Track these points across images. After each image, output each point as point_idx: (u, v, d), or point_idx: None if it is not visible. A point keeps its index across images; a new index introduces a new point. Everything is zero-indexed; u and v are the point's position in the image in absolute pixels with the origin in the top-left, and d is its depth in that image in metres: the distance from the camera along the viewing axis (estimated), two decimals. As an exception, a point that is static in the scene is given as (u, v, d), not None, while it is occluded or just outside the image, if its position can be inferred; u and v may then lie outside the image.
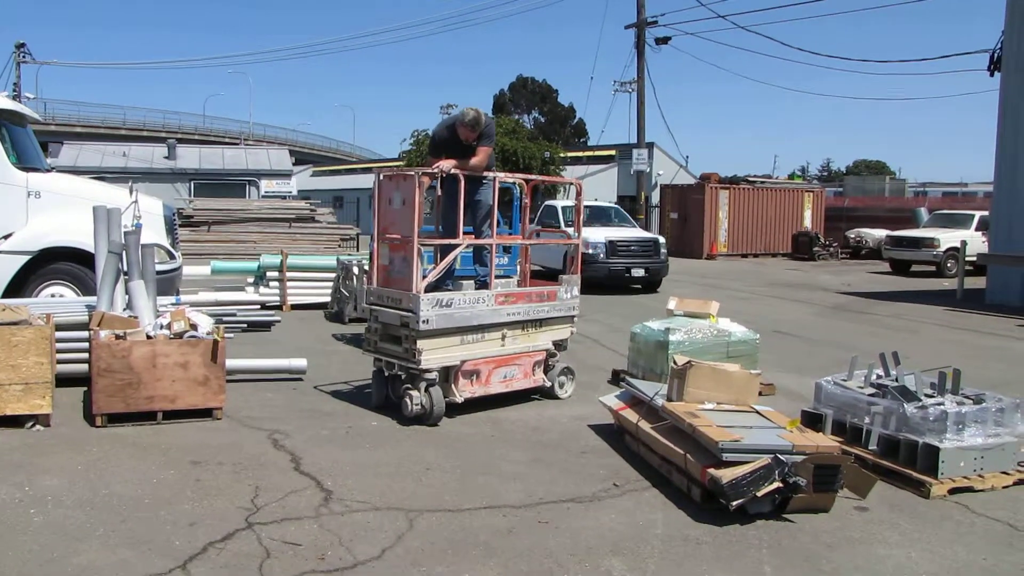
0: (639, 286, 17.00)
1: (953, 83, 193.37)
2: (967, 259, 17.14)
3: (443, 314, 6.26)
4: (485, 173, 6.98)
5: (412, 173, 6.34)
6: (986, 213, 19.69)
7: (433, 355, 6.25)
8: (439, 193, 7.09)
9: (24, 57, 40.03)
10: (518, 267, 7.83)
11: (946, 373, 5.51)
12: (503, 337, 6.76)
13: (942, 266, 21.72)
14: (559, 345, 7.26)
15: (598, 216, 18.45)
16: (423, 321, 6.12)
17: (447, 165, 6.57)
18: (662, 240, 17.62)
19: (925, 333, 11.92)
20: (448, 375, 6.42)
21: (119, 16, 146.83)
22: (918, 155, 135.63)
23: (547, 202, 20.17)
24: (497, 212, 7.01)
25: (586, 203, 18.87)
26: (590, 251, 15.58)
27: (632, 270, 16.44)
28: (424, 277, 6.33)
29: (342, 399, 7.00)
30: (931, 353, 9.48)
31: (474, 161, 6.79)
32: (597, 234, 16.44)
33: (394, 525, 4.28)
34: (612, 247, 16.32)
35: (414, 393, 6.20)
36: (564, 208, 17.94)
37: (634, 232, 17.97)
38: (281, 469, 5.12)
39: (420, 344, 6.16)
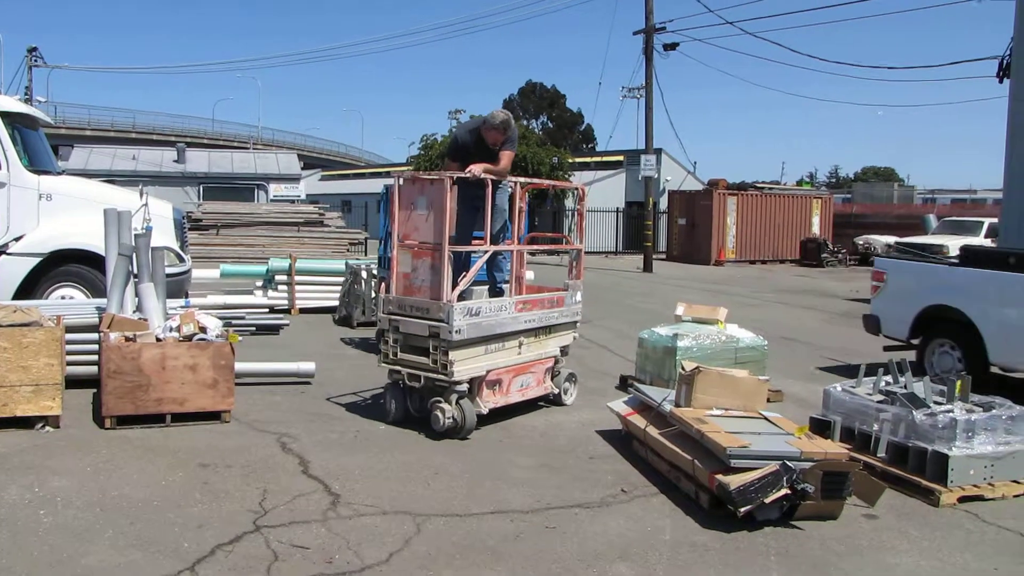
0: None
1: (962, 89, 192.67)
2: (976, 266, 16.98)
3: (473, 323, 6.01)
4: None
5: (440, 177, 6.01)
6: (995, 220, 19.59)
7: (463, 366, 6.00)
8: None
9: (36, 61, 40.33)
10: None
11: (955, 381, 5.49)
12: (520, 345, 6.61)
13: (951, 273, 21.49)
14: (564, 351, 7.22)
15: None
16: (456, 331, 5.83)
17: (478, 169, 6.32)
18: None
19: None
20: (472, 386, 6.18)
21: (129, 20, 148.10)
22: (927, 161, 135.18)
23: None
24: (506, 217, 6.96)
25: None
26: None
27: None
28: (455, 285, 6.05)
29: (350, 403, 7.00)
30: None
31: (501, 165, 6.63)
32: None
33: (402, 529, 4.29)
34: None
35: (445, 407, 5.94)
36: None
37: None
38: (289, 472, 5.13)
39: (452, 355, 5.87)
